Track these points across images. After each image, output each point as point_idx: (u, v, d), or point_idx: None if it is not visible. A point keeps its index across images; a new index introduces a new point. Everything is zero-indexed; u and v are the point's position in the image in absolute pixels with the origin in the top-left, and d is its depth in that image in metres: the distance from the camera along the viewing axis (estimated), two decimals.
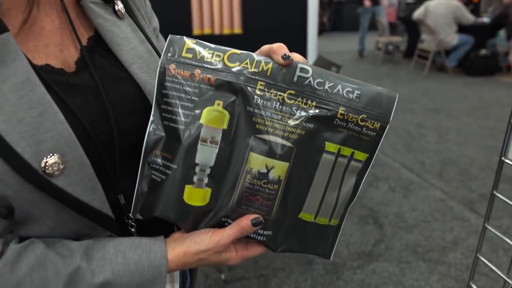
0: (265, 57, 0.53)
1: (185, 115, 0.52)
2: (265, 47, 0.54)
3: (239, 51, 0.53)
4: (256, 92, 0.51)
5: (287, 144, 0.51)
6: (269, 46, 0.53)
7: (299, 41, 2.60)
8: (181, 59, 0.53)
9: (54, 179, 0.46)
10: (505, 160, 0.84)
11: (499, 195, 0.88)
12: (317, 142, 0.53)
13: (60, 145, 0.47)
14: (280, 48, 0.51)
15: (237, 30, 2.53)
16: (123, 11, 0.60)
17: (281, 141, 0.51)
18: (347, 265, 2.18)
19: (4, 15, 0.48)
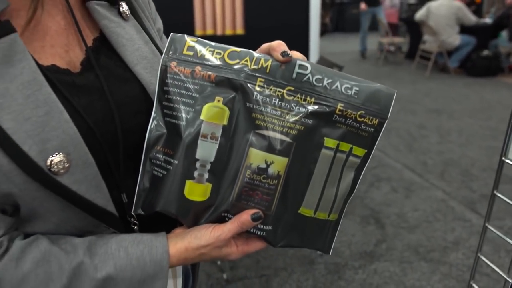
0: (265, 54, 0.53)
1: (186, 112, 0.53)
2: (265, 45, 0.54)
3: (239, 49, 0.54)
4: (255, 88, 0.52)
5: (286, 139, 0.52)
6: (269, 44, 0.54)
7: (301, 42, 2.61)
8: (182, 57, 0.54)
9: (59, 177, 0.47)
10: (505, 160, 0.84)
11: (499, 195, 0.88)
12: (316, 137, 0.53)
13: (65, 143, 0.48)
14: (279, 45, 0.52)
15: (239, 31, 2.54)
16: (128, 13, 0.61)
17: (281, 136, 0.52)
18: (349, 265, 2.18)
19: (10, 16, 0.49)
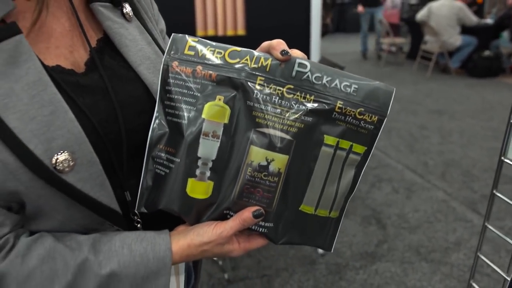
0: (265, 53, 0.54)
1: (188, 110, 0.54)
2: (265, 44, 0.55)
3: (239, 48, 0.54)
4: (256, 87, 0.53)
5: (286, 137, 0.53)
6: (269, 42, 0.54)
7: (302, 42, 2.61)
8: (184, 57, 0.55)
9: (64, 175, 0.48)
10: (504, 159, 0.85)
11: (499, 195, 0.89)
12: (316, 135, 0.54)
13: (70, 142, 0.48)
14: (279, 44, 0.53)
15: (241, 31, 2.54)
16: (131, 14, 0.62)
17: (281, 134, 0.53)
18: (350, 265, 2.18)
19: (16, 18, 0.50)
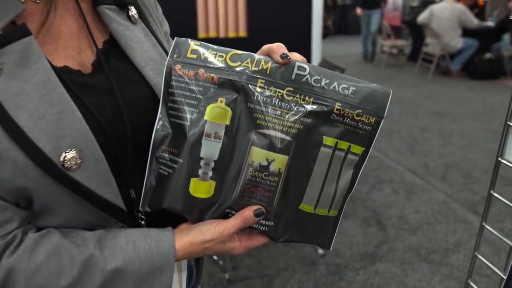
0: (265, 56, 0.56)
1: (190, 112, 0.55)
2: (265, 47, 0.57)
3: (240, 52, 0.56)
4: (256, 89, 0.54)
5: (286, 138, 0.54)
6: (269, 46, 0.56)
7: (303, 44, 2.63)
8: (186, 60, 0.56)
9: (72, 172, 0.50)
10: (502, 160, 0.86)
11: (496, 195, 0.90)
12: (315, 136, 0.55)
13: (77, 141, 0.50)
14: (279, 47, 0.54)
15: (242, 33, 2.56)
16: (136, 16, 0.63)
17: (281, 135, 0.54)
18: (350, 266, 2.19)
19: (25, 20, 0.52)
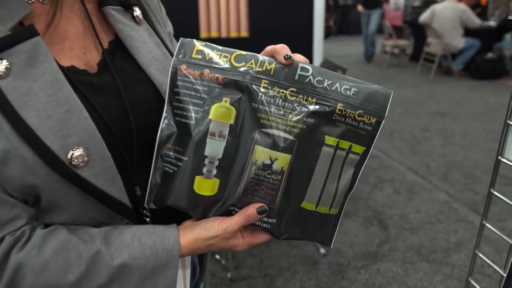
0: (269, 57, 0.57)
1: (195, 111, 0.56)
2: (269, 48, 0.58)
3: (244, 52, 0.57)
4: (260, 89, 0.56)
5: (289, 137, 0.55)
6: (273, 47, 0.57)
7: (305, 44, 2.63)
8: (192, 60, 0.57)
9: (79, 170, 0.51)
10: (501, 159, 0.87)
11: (496, 193, 0.91)
12: (317, 135, 0.56)
13: (84, 139, 0.51)
14: (282, 49, 0.56)
15: (244, 33, 2.57)
16: (141, 17, 0.65)
17: (284, 134, 0.55)
18: (352, 265, 2.20)
19: (32, 21, 0.53)
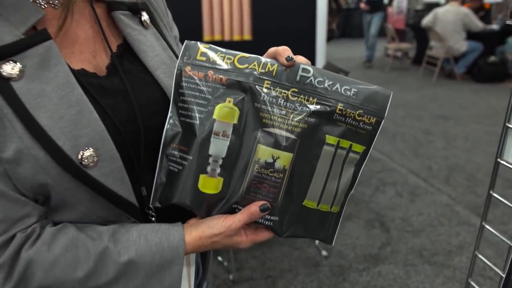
0: (271, 59, 0.58)
1: (200, 112, 0.58)
2: (271, 50, 0.59)
3: (247, 55, 0.59)
4: (263, 90, 0.57)
5: (291, 136, 0.57)
6: (275, 48, 0.59)
7: (307, 47, 2.64)
8: (196, 62, 0.59)
9: (89, 170, 0.52)
10: (500, 161, 0.88)
11: (495, 195, 0.92)
12: (318, 135, 0.58)
13: (94, 140, 0.53)
14: (284, 50, 0.57)
15: (247, 36, 2.58)
16: (148, 22, 0.66)
17: (286, 134, 0.57)
18: (353, 267, 2.21)
19: (45, 25, 0.54)
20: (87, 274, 0.53)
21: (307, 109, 0.57)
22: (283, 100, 0.57)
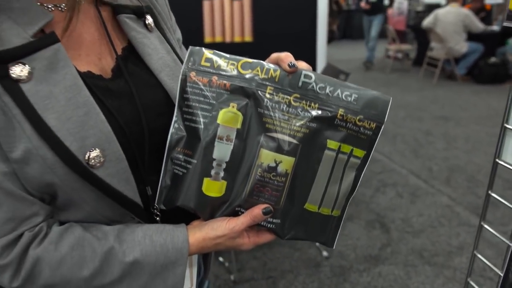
0: (274, 65, 0.60)
1: (204, 116, 0.59)
2: (274, 56, 0.60)
3: (251, 60, 0.60)
4: (266, 95, 0.58)
5: (293, 141, 0.58)
6: (277, 54, 0.60)
7: (308, 49, 2.65)
8: (201, 68, 0.60)
9: (95, 170, 0.53)
10: (499, 161, 0.89)
11: (494, 195, 0.93)
12: (319, 139, 0.59)
13: (101, 141, 0.54)
14: (287, 57, 0.58)
15: (248, 38, 2.59)
16: (152, 25, 0.67)
17: (288, 138, 0.58)
18: (354, 268, 2.22)
19: (53, 27, 0.56)
20: (92, 273, 0.54)
21: (309, 114, 0.58)
22: (285, 105, 0.58)
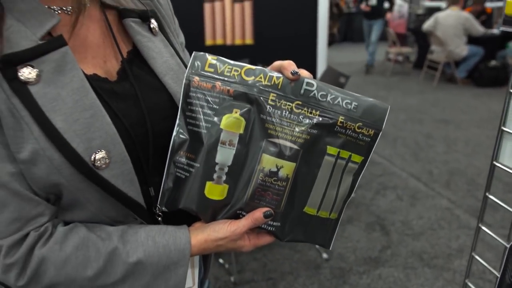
0: (277, 72, 0.61)
1: (207, 121, 0.61)
2: (277, 63, 0.62)
3: (254, 67, 0.61)
4: (268, 102, 0.60)
5: (294, 147, 0.60)
6: (280, 62, 0.61)
7: (309, 52, 2.66)
8: (204, 73, 0.62)
9: (101, 171, 0.55)
10: (496, 163, 0.91)
11: (491, 197, 0.94)
12: (320, 145, 0.61)
13: (106, 142, 0.55)
14: (289, 65, 0.60)
15: (249, 40, 2.61)
16: (157, 29, 0.69)
17: (289, 144, 0.59)
18: (354, 270, 2.23)
19: (60, 30, 0.57)
20: (96, 273, 0.56)
21: (310, 121, 0.60)
22: (287, 112, 0.60)
